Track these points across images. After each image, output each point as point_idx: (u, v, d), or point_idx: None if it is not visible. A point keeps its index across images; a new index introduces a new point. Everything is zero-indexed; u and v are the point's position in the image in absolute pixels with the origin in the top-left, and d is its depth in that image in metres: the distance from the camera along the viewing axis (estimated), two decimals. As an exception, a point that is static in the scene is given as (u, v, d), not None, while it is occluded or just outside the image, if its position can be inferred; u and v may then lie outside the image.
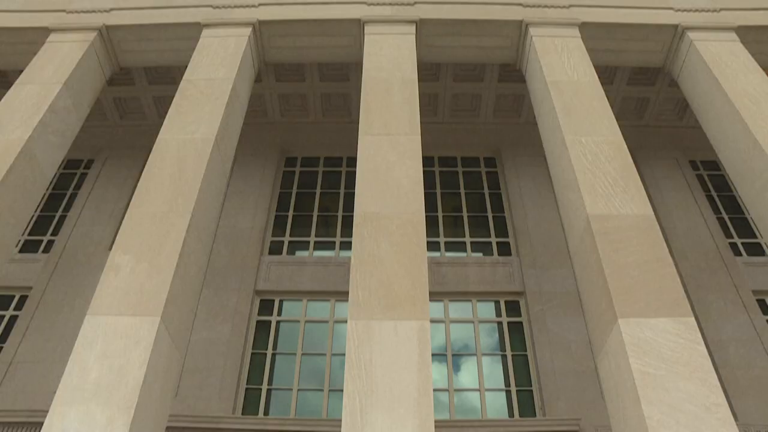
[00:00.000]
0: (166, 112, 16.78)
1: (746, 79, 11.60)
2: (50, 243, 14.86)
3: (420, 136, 10.42)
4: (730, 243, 14.78)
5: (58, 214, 15.54)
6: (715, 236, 14.46)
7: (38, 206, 15.72)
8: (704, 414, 7.08)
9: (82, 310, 13.09)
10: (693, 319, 7.80)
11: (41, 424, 6.98)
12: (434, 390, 11.37)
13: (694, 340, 7.63)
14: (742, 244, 14.77)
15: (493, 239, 14.69)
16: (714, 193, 15.95)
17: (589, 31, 13.14)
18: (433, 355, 12.35)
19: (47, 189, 16.11)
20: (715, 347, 12.35)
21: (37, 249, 14.72)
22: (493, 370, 12.41)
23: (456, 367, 12.48)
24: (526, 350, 12.64)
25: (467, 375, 12.38)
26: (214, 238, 13.62)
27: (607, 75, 16.02)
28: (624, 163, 9.91)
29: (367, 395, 7.33)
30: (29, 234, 15.10)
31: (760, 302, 13.57)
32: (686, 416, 7.10)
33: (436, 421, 7.42)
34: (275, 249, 14.53)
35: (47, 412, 7.10)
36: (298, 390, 12.20)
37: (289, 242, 14.68)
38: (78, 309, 13.10)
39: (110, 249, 13.51)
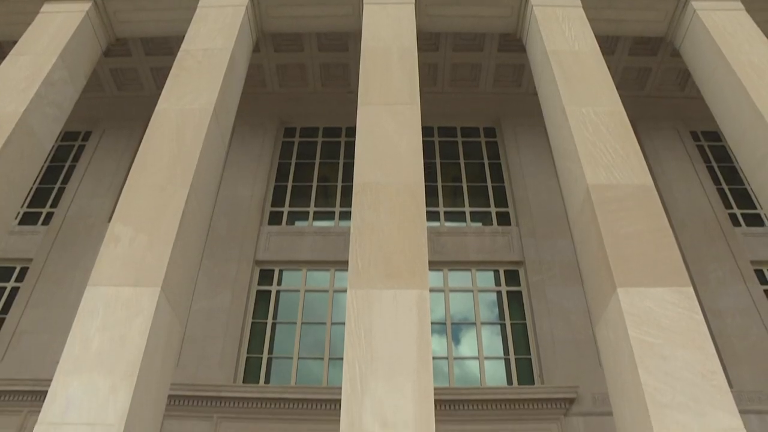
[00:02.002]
0: (163, 83, 16.67)
1: (751, 49, 11.49)
2: (50, 215, 14.86)
3: (419, 106, 10.36)
4: (729, 213, 14.78)
5: (56, 186, 15.52)
6: (715, 207, 14.46)
7: (36, 178, 15.69)
8: (700, 381, 7.14)
9: (83, 281, 13.14)
10: (691, 288, 7.82)
11: (45, 392, 7.06)
12: (434, 358, 11.44)
13: (692, 309, 7.67)
14: (742, 214, 14.78)
15: (493, 209, 14.70)
16: (714, 164, 15.92)
17: (591, 1, 12.98)
18: (432, 324, 12.43)
19: (45, 161, 16.06)
20: (713, 316, 12.43)
21: (37, 221, 14.73)
22: (492, 339, 12.50)
23: (455, 336, 12.57)
24: (525, 319, 12.71)
25: (466, 344, 12.47)
26: (213, 208, 13.63)
27: (608, 45, 15.88)
28: (624, 134, 9.86)
29: (367, 363, 7.39)
30: (28, 206, 15.10)
31: (758, 272, 13.62)
32: (683, 383, 7.17)
33: (435, 389, 7.49)
34: (275, 219, 14.54)
35: (51, 381, 7.17)
36: (299, 358, 12.29)
37: (289, 212, 14.69)
38: (79, 280, 13.15)
39: (110, 220, 13.53)
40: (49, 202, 15.16)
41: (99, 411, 6.98)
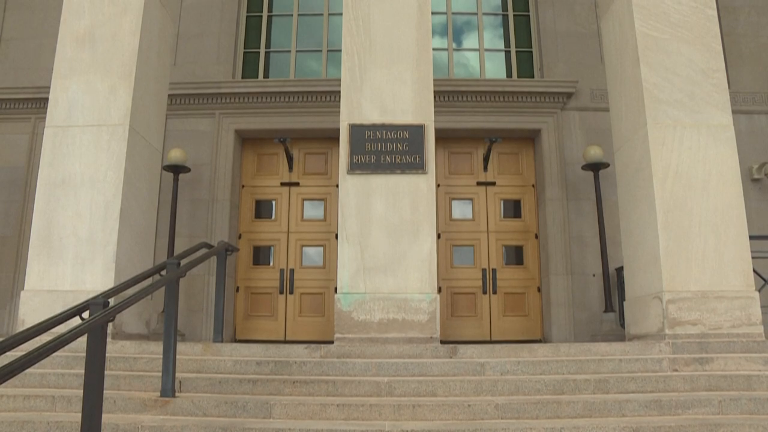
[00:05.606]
0: None
1: None
2: None
3: None
4: None
5: None
6: None
7: None
8: (701, 79, 7.14)
9: (63, -24, 12.31)
10: (710, -18, 7.39)
11: (47, 99, 7.08)
12: (433, 50, 11.22)
13: (706, 4, 7.34)
14: None
15: None
16: None
17: None
18: (432, 14, 11.99)
19: None
20: (726, 13, 11.73)
21: None
22: (494, 32, 12.18)
23: (456, 28, 12.24)
24: (528, 11, 12.16)
25: (467, 36, 12.21)
26: None
27: None
28: None
29: (367, 52, 7.37)
30: None
31: (789, -37, 12.53)
32: (682, 80, 7.18)
33: (434, 81, 7.54)
34: None
35: (50, 88, 7.13)
36: (297, 52, 12.11)
37: None
38: (57, -25, 12.28)
39: None
40: None
41: (102, 112, 7.11)
